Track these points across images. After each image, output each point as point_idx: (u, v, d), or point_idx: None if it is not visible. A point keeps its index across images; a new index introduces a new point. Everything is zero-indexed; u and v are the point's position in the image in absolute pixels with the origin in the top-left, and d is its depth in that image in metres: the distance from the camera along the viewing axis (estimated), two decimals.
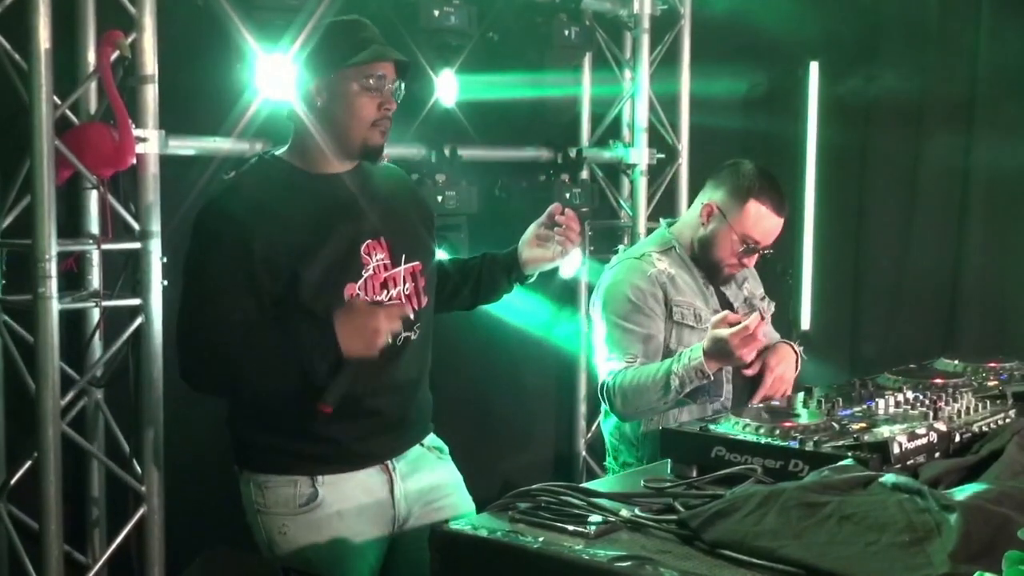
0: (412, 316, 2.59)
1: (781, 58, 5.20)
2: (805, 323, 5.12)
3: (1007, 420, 2.57)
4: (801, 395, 2.73)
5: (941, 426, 2.39)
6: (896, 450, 2.22)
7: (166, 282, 3.28)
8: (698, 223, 3.13)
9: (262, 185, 2.52)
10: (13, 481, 3.18)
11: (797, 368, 3.15)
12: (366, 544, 2.57)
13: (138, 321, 3.25)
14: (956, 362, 3.24)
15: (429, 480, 2.69)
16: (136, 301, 3.25)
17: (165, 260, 3.27)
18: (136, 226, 3.25)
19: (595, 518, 2.02)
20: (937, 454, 2.34)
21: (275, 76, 3.40)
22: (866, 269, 5.30)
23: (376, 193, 2.63)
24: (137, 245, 3.25)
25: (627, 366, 2.96)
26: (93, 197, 3.31)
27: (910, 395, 2.71)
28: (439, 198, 3.91)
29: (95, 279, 3.34)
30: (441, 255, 2.97)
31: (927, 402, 2.61)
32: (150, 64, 3.21)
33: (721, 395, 3.06)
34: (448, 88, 4.04)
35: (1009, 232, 5.00)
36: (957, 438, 2.40)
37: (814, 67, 5.17)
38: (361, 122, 2.51)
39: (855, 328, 5.42)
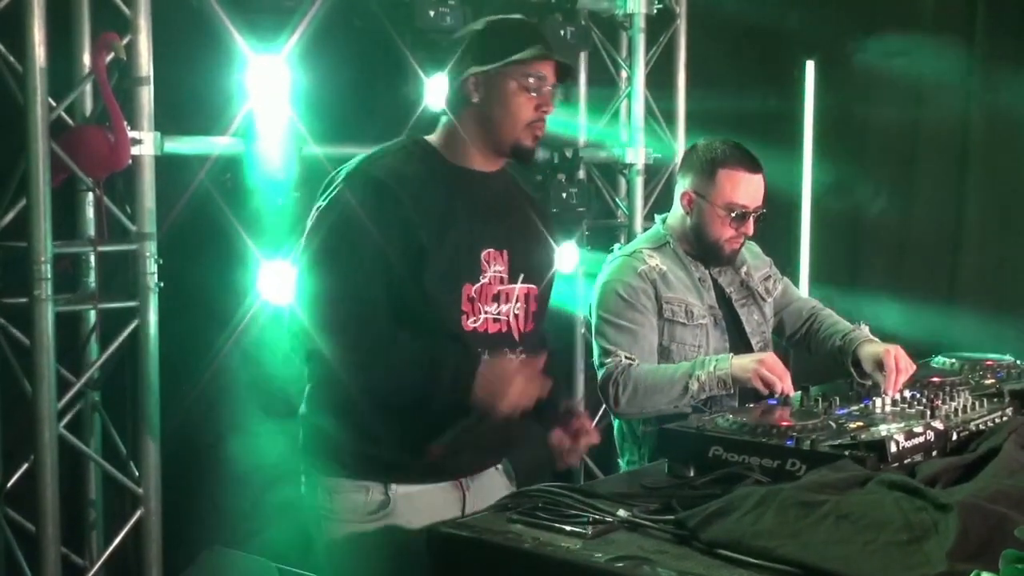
0: (516, 338, 2.52)
1: (777, 57, 5.20)
2: None
3: (1004, 418, 2.57)
4: (798, 394, 2.73)
5: (938, 425, 2.39)
6: (893, 449, 2.22)
7: (162, 284, 3.27)
8: (683, 215, 3.14)
9: (408, 161, 2.45)
10: (10, 484, 3.17)
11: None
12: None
13: (134, 323, 3.25)
14: (953, 360, 3.24)
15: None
16: (132, 303, 3.25)
17: (161, 262, 3.27)
18: (132, 228, 3.25)
19: (592, 518, 2.02)
20: (934, 453, 2.33)
21: (269, 78, 3.41)
22: (863, 267, 5.31)
23: (511, 205, 2.56)
24: (133, 247, 3.24)
25: (630, 363, 2.96)
26: (89, 199, 3.30)
27: (907, 394, 2.71)
28: None
29: (91, 281, 3.34)
30: None
31: (924, 401, 2.61)
32: (145, 66, 3.21)
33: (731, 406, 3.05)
34: (440, 90, 3.99)
35: (1008, 230, 5.00)
36: (954, 436, 2.40)
37: (810, 65, 5.17)
38: (517, 122, 2.43)
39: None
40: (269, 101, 3.45)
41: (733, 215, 3.04)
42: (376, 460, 2.44)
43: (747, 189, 3.06)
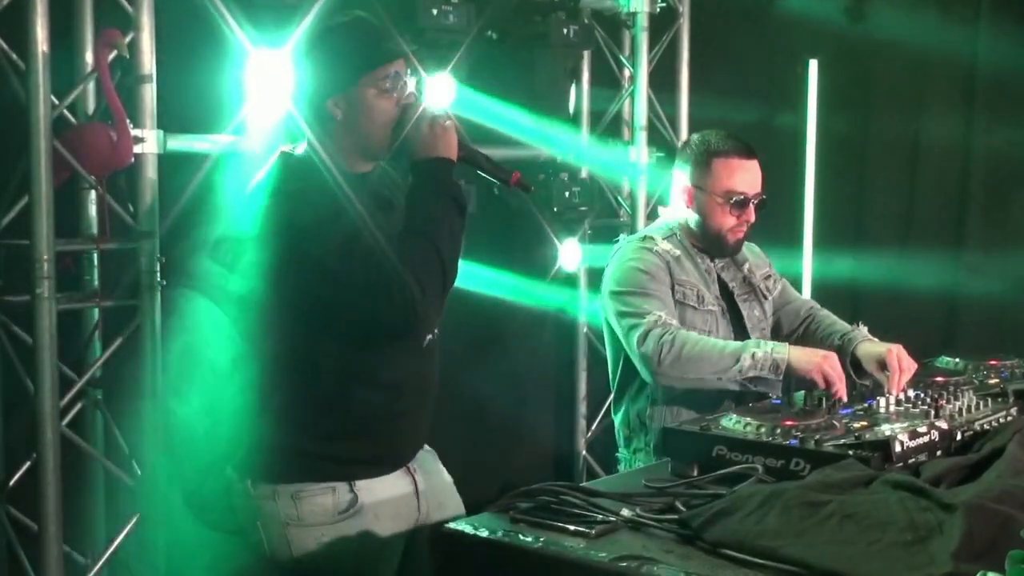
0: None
1: (780, 55, 5.20)
2: None
3: (1008, 418, 2.57)
4: (801, 394, 2.73)
5: (942, 424, 2.39)
6: (898, 449, 2.22)
7: (164, 282, 3.26)
8: (686, 211, 3.19)
9: (312, 172, 2.44)
10: (12, 482, 3.17)
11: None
12: (395, 547, 2.54)
13: (137, 321, 3.24)
14: (957, 360, 3.24)
15: (437, 481, 2.68)
16: (135, 301, 3.24)
17: (163, 260, 3.26)
18: (134, 226, 3.24)
19: (596, 518, 2.02)
20: (939, 453, 2.33)
21: (270, 74, 3.39)
22: (865, 267, 5.30)
23: (395, 194, 2.59)
24: (136, 245, 3.24)
25: (671, 324, 2.94)
26: (91, 197, 3.30)
27: (911, 393, 2.71)
28: None
29: (94, 279, 3.33)
30: None
31: (928, 400, 2.61)
32: (148, 63, 3.20)
33: (775, 394, 3.05)
34: (441, 90, 3.99)
35: (1009, 227, 5.00)
36: (958, 436, 2.40)
37: (813, 64, 5.16)
38: (385, 127, 2.46)
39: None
40: (270, 97, 3.44)
41: (732, 202, 3.10)
42: (338, 458, 2.46)
43: (743, 175, 3.11)
